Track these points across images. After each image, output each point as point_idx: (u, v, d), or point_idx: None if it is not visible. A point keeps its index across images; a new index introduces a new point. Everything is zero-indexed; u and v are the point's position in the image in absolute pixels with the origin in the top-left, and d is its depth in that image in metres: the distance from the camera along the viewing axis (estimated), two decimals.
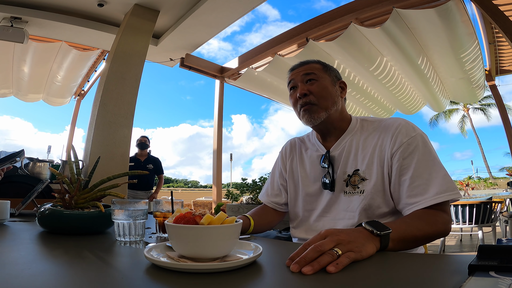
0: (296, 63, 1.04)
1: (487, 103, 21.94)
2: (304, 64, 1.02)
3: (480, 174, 22.50)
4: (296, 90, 0.98)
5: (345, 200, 0.92)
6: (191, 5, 3.20)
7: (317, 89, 0.95)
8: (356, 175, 0.91)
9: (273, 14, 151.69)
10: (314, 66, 1.00)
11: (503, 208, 4.14)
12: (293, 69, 1.03)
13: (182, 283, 0.42)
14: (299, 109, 0.97)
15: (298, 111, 0.99)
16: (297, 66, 1.03)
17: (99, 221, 0.83)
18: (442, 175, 0.82)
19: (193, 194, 15.45)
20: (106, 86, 2.80)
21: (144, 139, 4.21)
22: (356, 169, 0.92)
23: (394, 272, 0.49)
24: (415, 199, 0.82)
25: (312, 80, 0.97)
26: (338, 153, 0.97)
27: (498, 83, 4.79)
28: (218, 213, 0.53)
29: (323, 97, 0.95)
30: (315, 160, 1.02)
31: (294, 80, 1.00)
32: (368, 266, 0.52)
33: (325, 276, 0.45)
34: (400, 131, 0.88)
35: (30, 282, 0.40)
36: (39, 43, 3.94)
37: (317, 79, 0.97)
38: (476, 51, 3.49)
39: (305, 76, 0.98)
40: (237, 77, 4.71)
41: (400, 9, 2.90)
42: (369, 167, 0.90)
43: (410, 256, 0.59)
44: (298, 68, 1.01)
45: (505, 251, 0.43)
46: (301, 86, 0.97)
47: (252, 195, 2.98)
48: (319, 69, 1.00)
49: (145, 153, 4.21)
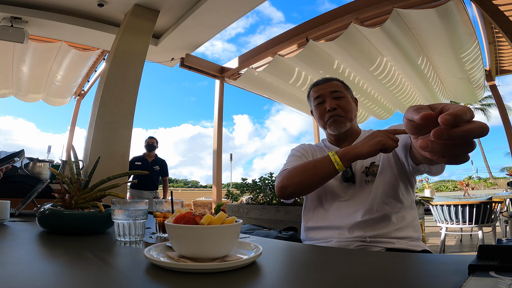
0: (320, 79, 1.20)
1: (487, 103, 21.95)
2: (328, 81, 1.17)
3: (480, 174, 22.53)
4: (324, 104, 1.13)
5: (367, 188, 1.02)
6: (191, 5, 3.20)
7: (344, 104, 1.12)
8: (374, 166, 1.04)
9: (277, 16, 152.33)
10: (337, 83, 1.17)
11: (503, 208, 4.14)
12: (317, 84, 1.18)
13: (182, 283, 0.42)
14: (327, 119, 1.12)
15: (325, 121, 1.14)
16: (322, 82, 1.18)
17: (99, 221, 0.83)
18: None
19: (193, 194, 15.45)
20: (106, 86, 2.80)
21: (152, 141, 4.25)
22: (373, 161, 1.04)
23: (394, 272, 0.49)
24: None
25: (340, 97, 1.13)
26: None
27: (498, 83, 4.79)
28: (218, 213, 0.53)
29: (349, 110, 1.13)
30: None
31: (322, 95, 1.14)
32: (368, 265, 0.52)
33: (325, 275, 0.45)
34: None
35: (30, 282, 0.40)
36: (39, 43, 3.94)
37: (343, 96, 1.14)
38: (476, 51, 3.49)
39: (333, 92, 1.13)
40: (237, 77, 4.71)
41: (400, 9, 2.90)
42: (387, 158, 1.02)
43: (410, 256, 0.59)
44: (324, 84, 1.16)
45: (505, 251, 0.43)
46: (330, 101, 1.12)
47: (252, 195, 2.98)
48: (341, 86, 1.17)
49: (152, 155, 4.26)
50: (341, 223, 1.00)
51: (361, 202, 1.00)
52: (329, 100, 1.12)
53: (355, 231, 0.97)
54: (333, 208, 1.05)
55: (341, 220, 1.01)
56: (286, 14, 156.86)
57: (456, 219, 3.24)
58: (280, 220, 2.42)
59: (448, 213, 3.30)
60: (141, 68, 3.06)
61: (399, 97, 4.68)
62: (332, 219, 1.03)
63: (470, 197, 4.54)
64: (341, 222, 1.00)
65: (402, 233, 0.97)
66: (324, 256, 0.63)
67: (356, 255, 0.62)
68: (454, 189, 15.92)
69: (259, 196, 2.92)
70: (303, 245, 0.76)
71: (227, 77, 4.89)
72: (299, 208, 2.44)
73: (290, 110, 5.63)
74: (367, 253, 0.63)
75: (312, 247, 0.76)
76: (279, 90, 4.83)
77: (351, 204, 1.02)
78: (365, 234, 0.95)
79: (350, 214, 1.00)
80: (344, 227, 0.99)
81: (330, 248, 0.78)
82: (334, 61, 3.96)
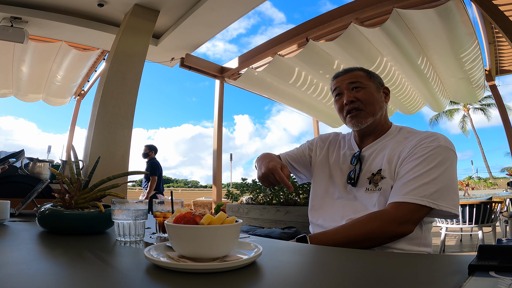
0: (340, 70, 1.10)
1: (487, 103, 21.95)
2: (348, 71, 1.07)
3: (480, 174, 22.52)
4: (342, 96, 1.04)
5: (365, 196, 0.95)
6: (191, 5, 3.20)
7: (364, 96, 1.01)
8: (379, 174, 0.95)
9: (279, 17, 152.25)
10: (358, 73, 1.05)
11: (503, 208, 4.14)
12: (337, 77, 1.09)
13: (182, 283, 0.42)
14: (345, 115, 1.03)
15: (344, 116, 1.04)
16: (341, 73, 1.08)
17: (99, 221, 0.83)
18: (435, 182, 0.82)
19: (193, 194, 15.45)
20: (106, 86, 2.80)
21: (145, 149, 4.62)
22: (380, 168, 0.95)
23: (394, 272, 0.49)
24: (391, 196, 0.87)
25: (358, 88, 1.02)
26: (369, 153, 1.02)
27: (498, 83, 4.79)
28: (218, 213, 0.53)
29: (370, 103, 1.01)
30: (347, 157, 1.08)
31: (339, 87, 1.05)
32: (368, 265, 0.52)
33: (325, 275, 0.45)
34: (427, 137, 0.91)
35: (30, 282, 0.40)
36: (39, 43, 3.93)
37: (363, 86, 1.02)
38: (476, 51, 3.49)
39: (350, 84, 1.03)
40: (237, 77, 4.71)
41: (400, 9, 2.90)
42: (389, 165, 0.94)
43: (410, 256, 0.59)
44: (343, 76, 1.06)
45: (505, 251, 0.43)
46: (347, 94, 1.02)
47: (252, 195, 2.98)
48: (363, 76, 1.05)
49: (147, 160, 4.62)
50: (331, 224, 0.98)
51: (354, 209, 0.96)
52: (347, 92, 1.02)
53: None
54: (327, 206, 1.04)
55: (331, 220, 0.99)
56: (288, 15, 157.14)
57: (456, 219, 3.24)
58: (280, 220, 2.42)
59: None
60: (141, 68, 3.06)
61: (399, 97, 4.68)
62: (326, 217, 1.02)
63: (470, 197, 4.54)
64: (331, 223, 0.98)
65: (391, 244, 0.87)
66: (324, 256, 0.63)
67: (356, 254, 0.62)
68: None
69: (259, 196, 2.92)
70: (303, 245, 0.76)
71: (227, 77, 4.88)
72: (299, 208, 2.44)
73: (290, 110, 5.63)
74: (367, 253, 0.63)
75: (312, 247, 0.76)
76: (279, 90, 4.82)
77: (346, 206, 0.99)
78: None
79: (340, 217, 0.97)
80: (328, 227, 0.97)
81: (330, 248, 0.78)
82: (334, 61, 3.96)
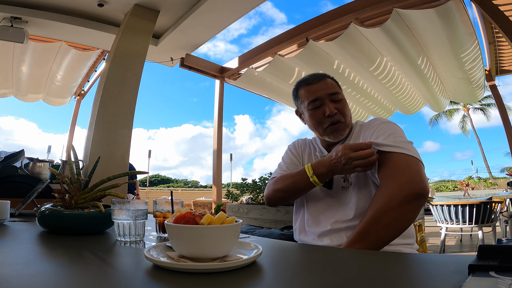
0: (311, 77, 1.06)
1: (487, 103, 21.95)
2: (321, 79, 1.04)
3: (480, 174, 22.53)
4: (322, 107, 1.01)
5: (343, 195, 0.97)
6: (191, 5, 3.20)
7: (343, 108, 1.02)
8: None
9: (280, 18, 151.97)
10: (332, 82, 1.05)
11: (503, 208, 4.14)
12: (310, 84, 1.04)
13: (182, 283, 0.42)
14: (327, 126, 1.00)
15: (323, 128, 1.01)
16: (315, 81, 1.04)
17: (99, 221, 0.83)
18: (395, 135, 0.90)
19: (193, 194, 15.45)
20: (106, 86, 2.80)
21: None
22: None
23: (394, 272, 0.49)
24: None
25: (338, 100, 1.02)
26: None
27: (498, 83, 4.78)
28: (218, 213, 0.53)
29: (347, 115, 1.03)
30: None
31: (320, 98, 1.01)
32: (369, 265, 0.52)
33: (325, 276, 0.45)
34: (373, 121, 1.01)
35: (30, 282, 0.40)
36: (39, 43, 3.93)
37: (341, 98, 1.03)
38: (476, 51, 3.49)
39: (331, 95, 1.01)
40: (237, 77, 4.71)
41: (400, 9, 2.90)
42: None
43: (410, 256, 0.59)
44: (319, 84, 1.03)
45: (505, 251, 0.43)
46: (330, 105, 1.00)
47: (252, 195, 2.98)
48: (337, 86, 1.05)
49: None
50: (315, 229, 0.98)
51: (336, 210, 0.97)
52: (329, 103, 1.00)
53: (324, 238, 0.95)
54: (311, 212, 1.03)
55: (314, 226, 0.99)
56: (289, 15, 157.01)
57: (456, 219, 3.24)
58: (280, 220, 2.42)
59: (448, 213, 3.30)
60: (141, 68, 3.06)
61: (399, 97, 4.68)
62: (309, 223, 1.02)
63: (470, 197, 4.53)
64: (315, 228, 0.98)
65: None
66: (324, 256, 0.63)
67: (356, 255, 0.62)
68: (454, 189, 15.92)
69: (259, 196, 2.92)
70: (303, 245, 0.76)
71: (227, 77, 4.88)
72: None
73: (291, 110, 5.63)
74: (367, 253, 0.63)
75: (312, 247, 0.76)
76: (279, 90, 4.82)
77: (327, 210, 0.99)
78: (332, 243, 0.92)
79: (322, 221, 0.98)
80: (315, 233, 0.98)
81: (330, 248, 0.78)
82: (334, 61, 3.96)
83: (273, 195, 1.04)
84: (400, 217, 0.76)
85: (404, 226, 0.77)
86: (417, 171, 0.81)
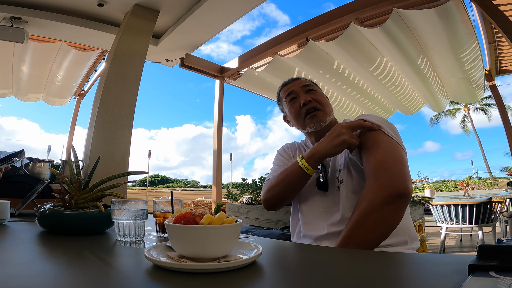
0: (287, 80, 1.16)
1: (487, 103, 21.95)
2: (296, 79, 1.13)
3: (480, 174, 22.52)
4: (298, 99, 1.06)
5: (336, 196, 0.97)
6: (191, 5, 3.20)
7: (319, 97, 1.06)
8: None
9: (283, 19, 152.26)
10: (307, 80, 1.13)
11: (503, 208, 4.14)
12: (285, 84, 1.13)
13: (182, 283, 0.42)
14: (304, 116, 1.04)
15: (302, 118, 1.05)
16: (290, 81, 1.13)
17: (99, 221, 0.83)
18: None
19: (193, 194, 15.46)
20: (106, 86, 2.80)
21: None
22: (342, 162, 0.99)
23: (394, 272, 0.49)
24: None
25: (312, 90, 1.07)
26: None
27: (498, 83, 4.79)
28: (218, 213, 0.53)
29: (325, 103, 1.06)
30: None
31: (294, 91, 1.08)
32: (368, 265, 0.52)
33: (325, 276, 0.45)
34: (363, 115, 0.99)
35: (30, 282, 0.40)
36: (39, 43, 3.93)
37: (316, 89, 1.09)
38: (476, 51, 3.49)
39: (304, 87, 1.08)
40: (237, 77, 4.71)
41: (400, 9, 2.90)
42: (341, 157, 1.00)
43: (410, 256, 0.59)
44: (293, 82, 1.11)
45: (505, 251, 0.43)
46: (304, 95, 1.05)
47: (252, 195, 2.98)
48: (312, 83, 1.12)
49: None
50: (311, 233, 0.97)
51: (331, 212, 0.96)
52: (303, 94, 1.05)
53: (323, 242, 0.94)
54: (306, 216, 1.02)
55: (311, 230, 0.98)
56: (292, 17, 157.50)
57: (456, 219, 3.24)
58: (280, 220, 2.42)
59: (448, 213, 3.30)
60: (141, 68, 3.06)
61: (399, 97, 4.68)
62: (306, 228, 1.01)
63: (470, 197, 4.53)
64: (311, 232, 0.98)
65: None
66: (324, 256, 0.63)
67: (356, 255, 0.62)
68: (454, 189, 15.91)
69: (259, 196, 2.92)
70: (303, 245, 0.76)
71: (227, 77, 4.88)
72: None
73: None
74: (367, 253, 0.63)
75: (313, 247, 0.76)
76: None
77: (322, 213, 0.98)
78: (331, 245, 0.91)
79: (318, 225, 0.97)
80: (312, 237, 0.97)
81: (330, 248, 0.78)
82: (334, 61, 3.96)
83: (268, 194, 1.03)
84: (383, 218, 0.76)
85: (388, 228, 0.77)
86: (399, 170, 0.80)
